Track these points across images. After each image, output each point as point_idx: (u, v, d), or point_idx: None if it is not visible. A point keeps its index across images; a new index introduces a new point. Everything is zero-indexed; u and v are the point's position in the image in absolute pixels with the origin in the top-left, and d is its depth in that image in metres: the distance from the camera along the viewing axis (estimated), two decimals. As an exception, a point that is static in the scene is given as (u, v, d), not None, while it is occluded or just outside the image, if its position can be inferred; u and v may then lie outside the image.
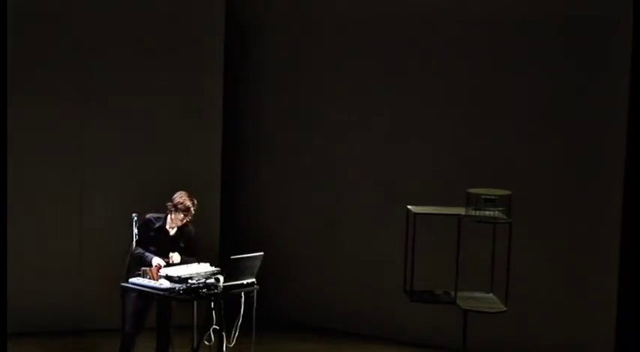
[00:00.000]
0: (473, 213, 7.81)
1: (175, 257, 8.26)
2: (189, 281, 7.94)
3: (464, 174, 9.59)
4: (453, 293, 8.09)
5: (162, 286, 7.96)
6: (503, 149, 9.71)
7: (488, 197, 7.80)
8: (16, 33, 9.35)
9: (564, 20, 9.41)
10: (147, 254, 8.23)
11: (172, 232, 8.40)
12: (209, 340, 8.24)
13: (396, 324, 10.14)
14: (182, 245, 8.41)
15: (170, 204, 8.32)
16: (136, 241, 8.35)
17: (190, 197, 8.35)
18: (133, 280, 8.11)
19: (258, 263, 8.18)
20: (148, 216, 8.40)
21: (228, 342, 8.27)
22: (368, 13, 10.23)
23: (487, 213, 7.79)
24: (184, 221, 8.35)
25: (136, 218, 8.27)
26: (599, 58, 9.28)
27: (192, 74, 10.35)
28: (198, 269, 8.15)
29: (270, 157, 10.82)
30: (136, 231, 8.21)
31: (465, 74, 9.83)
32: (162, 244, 8.32)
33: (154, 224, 8.33)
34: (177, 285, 7.92)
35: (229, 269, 8.03)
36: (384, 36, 10.16)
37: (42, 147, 9.99)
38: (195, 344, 7.95)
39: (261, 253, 8.20)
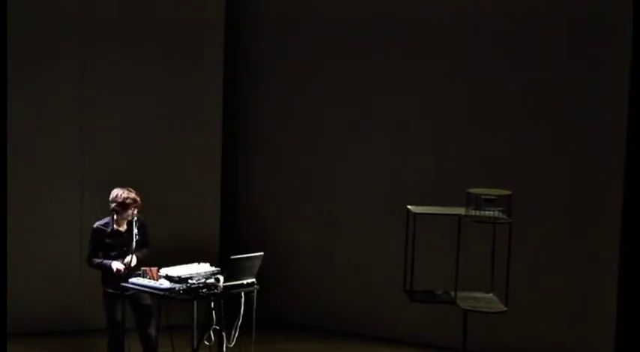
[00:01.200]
0: (473, 213, 7.81)
1: (133, 260, 8.21)
2: (189, 281, 7.94)
3: (464, 174, 9.59)
4: (453, 293, 8.09)
5: (162, 286, 7.96)
6: (504, 149, 9.71)
7: (488, 197, 7.80)
8: (16, 33, 9.35)
9: (565, 20, 9.41)
10: (104, 261, 8.18)
11: (124, 230, 8.33)
12: (209, 340, 8.24)
13: (396, 324, 10.14)
14: (138, 238, 8.30)
15: (115, 204, 8.21)
16: (89, 253, 8.27)
17: (128, 188, 8.27)
18: (133, 280, 8.10)
19: (258, 263, 8.18)
20: (95, 225, 8.30)
21: (228, 342, 8.26)
22: (368, 13, 10.23)
23: (487, 213, 7.79)
24: (126, 215, 8.27)
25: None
26: (600, 58, 9.28)
27: (192, 74, 10.35)
28: (198, 269, 8.14)
29: (270, 157, 10.82)
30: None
31: (466, 74, 9.83)
32: (121, 245, 8.25)
33: (105, 230, 8.25)
34: (177, 285, 7.92)
35: (229, 270, 8.02)
36: (384, 36, 10.16)
37: (42, 147, 9.99)
38: (195, 344, 7.94)
39: (261, 253, 8.20)
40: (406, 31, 10.05)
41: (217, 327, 8.23)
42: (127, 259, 8.12)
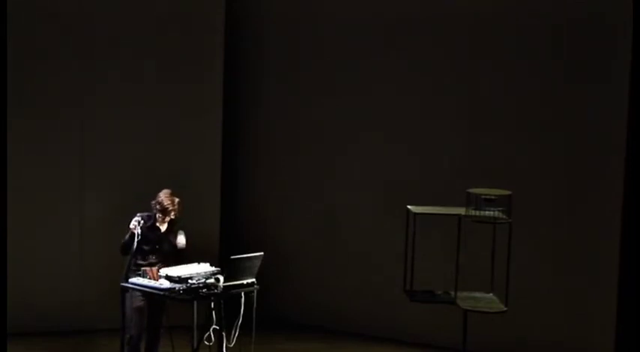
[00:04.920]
0: (473, 213, 7.81)
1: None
2: (189, 281, 7.94)
3: (464, 174, 9.59)
4: (453, 293, 8.09)
5: (162, 286, 7.96)
6: (503, 149, 9.71)
7: (488, 197, 7.80)
8: (16, 33, 9.35)
9: (565, 20, 9.41)
10: (129, 235, 8.19)
11: (163, 229, 8.38)
12: (209, 340, 8.24)
13: (396, 324, 10.15)
14: (172, 242, 8.37)
15: (153, 202, 8.33)
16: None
17: (170, 197, 8.33)
18: (133, 280, 8.11)
19: (258, 263, 8.18)
20: (139, 214, 8.37)
21: (228, 342, 8.27)
22: (368, 14, 10.23)
23: (487, 213, 7.79)
24: (166, 219, 8.33)
25: (139, 219, 8.25)
26: (600, 58, 9.28)
27: (192, 74, 10.35)
28: (198, 269, 8.14)
29: (270, 157, 10.82)
30: (139, 230, 8.18)
31: (466, 74, 9.84)
32: (154, 241, 8.30)
33: (146, 223, 8.30)
34: (177, 285, 7.92)
35: (229, 270, 8.02)
36: (384, 36, 10.16)
37: (42, 147, 9.99)
38: (195, 344, 7.95)
39: (261, 253, 8.20)
40: (406, 31, 10.05)
41: (217, 327, 8.24)
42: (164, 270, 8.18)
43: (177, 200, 8.34)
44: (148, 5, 10.21)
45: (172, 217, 8.34)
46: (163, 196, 8.33)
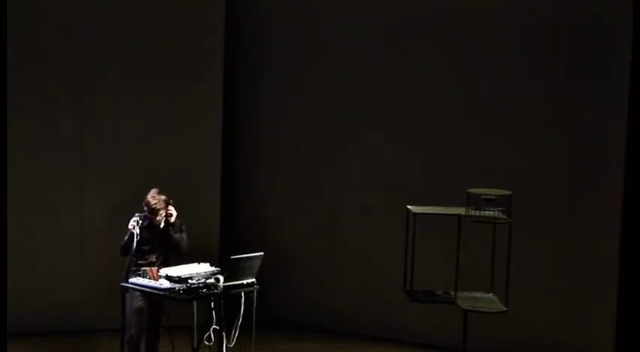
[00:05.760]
0: (473, 213, 7.81)
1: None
2: (189, 281, 7.94)
3: (464, 174, 9.59)
4: (453, 293, 8.09)
5: (162, 286, 7.96)
6: (503, 149, 9.71)
7: (488, 197, 7.80)
8: (16, 33, 9.35)
9: (565, 20, 9.41)
10: (128, 236, 8.18)
11: (162, 226, 8.36)
12: (209, 340, 8.24)
13: (396, 324, 10.15)
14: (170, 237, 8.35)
15: (146, 208, 8.31)
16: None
17: (156, 195, 8.30)
18: (133, 280, 8.11)
19: (258, 263, 8.18)
20: (136, 214, 8.35)
21: (228, 342, 8.27)
22: (368, 14, 10.23)
23: (487, 213, 7.79)
24: (158, 219, 8.31)
25: (137, 219, 8.25)
26: (600, 58, 9.28)
27: (192, 74, 10.35)
28: (198, 269, 8.14)
29: (270, 157, 10.82)
30: (137, 231, 8.17)
31: (466, 74, 9.84)
32: (154, 240, 8.29)
33: (143, 223, 8.30)
34: (177, 285, 7.92)
35: (229, 270, 8.02)
36: (384, 36, 10.16)
37: (42, 148, 10.00)
38: (195, 344, 7.95)
39: (261, 253, 8.20)
40: (406, 31, 10.05)
41: (217, 327, 8.24)
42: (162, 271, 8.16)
43: (163, 197, 8.30)
44: (148, 5, 10.21)
45: (164, 216, 8.30)
46: (149, 196, 8.30)
